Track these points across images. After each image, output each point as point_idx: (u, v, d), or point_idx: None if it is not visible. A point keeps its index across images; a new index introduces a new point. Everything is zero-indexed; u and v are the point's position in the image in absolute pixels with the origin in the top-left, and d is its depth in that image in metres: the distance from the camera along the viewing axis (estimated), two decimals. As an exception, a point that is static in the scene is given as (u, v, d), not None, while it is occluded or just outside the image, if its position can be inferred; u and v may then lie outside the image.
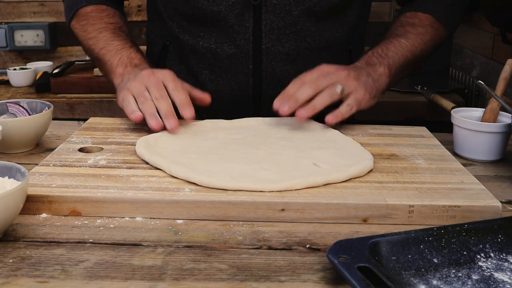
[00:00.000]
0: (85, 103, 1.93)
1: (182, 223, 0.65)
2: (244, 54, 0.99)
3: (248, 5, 0.96)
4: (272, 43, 0.99)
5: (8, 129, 0.82)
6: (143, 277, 0.53)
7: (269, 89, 1.01)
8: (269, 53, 0.99)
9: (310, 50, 1.01)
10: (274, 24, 0.98)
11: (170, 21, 1.03)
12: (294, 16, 0.97)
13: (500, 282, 0.53)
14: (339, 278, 0.53)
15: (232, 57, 1.00)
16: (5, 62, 2.37)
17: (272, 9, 0.97)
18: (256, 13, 0.97)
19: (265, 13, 0.97)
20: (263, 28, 0.98)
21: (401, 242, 0.56)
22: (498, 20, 1.68)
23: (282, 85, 0.99)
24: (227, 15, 0.97)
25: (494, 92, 0.86)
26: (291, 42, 0.99)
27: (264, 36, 0.98)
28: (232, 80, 1.02)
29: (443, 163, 0.78)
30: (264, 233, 0.63)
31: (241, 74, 1.01)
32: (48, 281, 0.52)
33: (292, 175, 0.69)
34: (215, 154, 0.77)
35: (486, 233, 0.58)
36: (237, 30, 0.98)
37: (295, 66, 1.01)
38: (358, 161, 0.74)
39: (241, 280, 0.53)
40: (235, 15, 0.97)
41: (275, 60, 1.00)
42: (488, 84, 0.87)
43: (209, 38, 1.00)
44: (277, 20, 0.97)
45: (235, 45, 0.99)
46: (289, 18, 0.97)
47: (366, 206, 0.65)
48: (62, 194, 0.66)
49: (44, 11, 2.35)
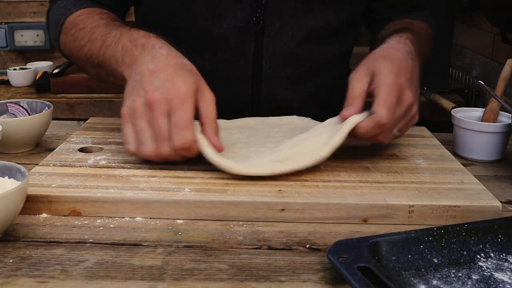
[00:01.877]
0: (85, 103, 1.93)
1: (182, 223, 0.65)
2: (243, 77, 0.97)
3: (250, 30, 0.93)
4: (274, 69, 0.96)
5: (8, 129, 0.82)
6: (143, 277, 0.53)
7: (267, 108, 0.99)
8: (268, 78, 0.97)
9: (310, 73, 0.99)
10: (276, 49, 0.95)
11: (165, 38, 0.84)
12: (296, 41, 0.95)
13: (500, 282, 0.53)
14: (339, 278, 0.53)
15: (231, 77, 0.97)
16: (5, 62, 2.37)
17: (274, 35, 0.94)
18: (258, 38, 0.94)
19: (267, 38, 0.94)
20: (264, 54, 0.95)
21: (401, 242, 0.56)
22: (498, 20, 1.68)
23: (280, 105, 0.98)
24: (228, 38, 0.93)
25: (494, 92, 0.86)
26: (292, 67, 0.97)
27: (265, 62, 0.96)
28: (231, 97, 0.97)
29: (443, 163, 0.78)
30: (264, 233, 0.63)
31: (240, 92, 0.98)
32: (48, 281, 0.52)
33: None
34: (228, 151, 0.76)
35: (486, 233, 0.58)
36: (237, 54, 0.95)
37: (294, 90, 0.99)
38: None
39: (241, 280, 0.53)
40: (236, 39, 0.94)
41: (275, 85, 0.98)
42: (488, 84, 0.87)
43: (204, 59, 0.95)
44: (279, 45, 0.95)
45: (233, 68, 0.96)
46: (291, 44, 0.95)
47: (366, 206, 0.65)
48: (62, 194, 0.66)
49: (44, 11, 2.34)
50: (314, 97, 1.02)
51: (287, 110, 0.95)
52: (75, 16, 0.90)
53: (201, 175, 0.71)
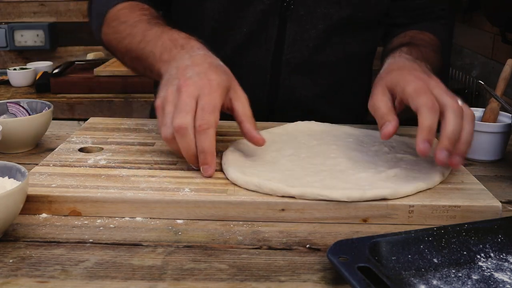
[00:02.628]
0: (85, 103, 1.93)
1: (182, 223, 0.65)
2: (263, 64, 0.97)
3: (275, 14, 0.94)
4: (293, 55, 0.97)
5: (8, 129, 0.82)
6: (143, 277, 0.53)
7: (284, 100, 1.00)
8: (288, 64, 0.98)
9: (327, 63, 1.00)
10: (297, 36, 0.96)
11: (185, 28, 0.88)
12: (318, 30, 0.96)
13: (500, 282, 0.53)
14: (339, 278, 0.53)
15: (250, 66, 0.97)
16: (5, 62, 2.37)
17: (298, 21, 0.95)
18: (281, 23, 0.95)
19: (290, 24, 0.95)
20: (286, 39, 0.96)
21: (401, 242, 0.56)
22: (498, 20, 1.68)
23: (297, 96, 0.99)
24: (252, 22, 0.94)
25: (494, 92, 0.86)
26: (312, 54, 0.98)
27: (286, 47, 0.96)
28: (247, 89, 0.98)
29: (443, 163, 0.78)
30: (264, 233, 0.63)
31: (258, 84, 0.99)
32: (48, 281, 0.52)
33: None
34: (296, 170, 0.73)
35: (486, 233, 0.58)
36: (259, 39, 0.96)
37: (312, 78, 0.99)
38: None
39: (241, 280, 0.53)
40: (260, 23, 0.95)
41: (294, 71, 0.98)
42: (488, 84, 0.87)
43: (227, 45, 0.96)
44: (301, 32, 0.96)
45: (254, 54, 0.97)
46: (314, 31, 0.96)
47: (366, 206, 0.65)
48: (62, 194, 0.66)
49: (44, 11, 2.35)
50: (332, 91, 1.03)
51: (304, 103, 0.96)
52: (117, 9, 0.93)
53: (201, 175, 0.71)
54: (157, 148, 0.81)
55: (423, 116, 0.67)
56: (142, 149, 0.81)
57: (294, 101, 0.97)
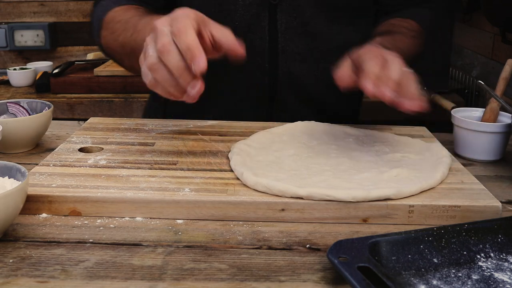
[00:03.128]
0: (85, 103, 1.93)
1: (182, 223, 0.65)
2: (260, 53, 0.99)
3: (264, 5, 0.97)
4: (287, 42, 0.99)
5: (8, 129, 0.82)
6: (143, 277, 0.53)
7: (284, 88, 1.01)
8: (284, 52, 1.00)
9: (322, 51, 1.01)
10: (289, 23, 0.98)
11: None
12: (306, 16, 0.98)
13: (500, 282, 0.53)
14: (339, 278, 0.53)
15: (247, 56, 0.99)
16: (5, 62, 2.37)
17: (286, 9, 0.97)
18: (272, 12, 0.97)
19: (280, 13, 0.97)
20: (278, 28, 0.98)
21: (401, 242, 0.56)
22: (498, 20, 1.68)
23: (296, 85, 1.00)
24: (243, 15, 0.97)
25: (494, 92, 0.86)
26: (303, 42, 1.00)
27: (280, 35, 0.99)
28: (247, 79, 1.01)
29: (443, 163, 0.78)
30: (264, 233, 0.63)
31: (257, 73, 1.00)
32: (48, 281, 0.52)
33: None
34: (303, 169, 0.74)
35: (486, 233, 0.58)
36: (253, 30, 0.98)
37: (308, 66, 1.01)
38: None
39: (241, 280, 0.53)
40: (251, 14, 0.97)
41: (290, 59, 1.00)
42: (488, 84, 0.87)
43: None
44: (291, 19, 0.98)
45: (251, 44, 0.98)
46: (301, 18, 0.98)
47: (366, 206, 0.65)
48: (62, 194, 0.66)
49: (44, 11, 2.35)
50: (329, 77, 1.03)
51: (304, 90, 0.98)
52: (114, 11, 0.95)
53: (201, 175, 0.71)
54: (157, 148, 0.81)
55: (367, 64, 0.72)
56: (142, 149, 0.81)
57: (293, 90, 0.98)
